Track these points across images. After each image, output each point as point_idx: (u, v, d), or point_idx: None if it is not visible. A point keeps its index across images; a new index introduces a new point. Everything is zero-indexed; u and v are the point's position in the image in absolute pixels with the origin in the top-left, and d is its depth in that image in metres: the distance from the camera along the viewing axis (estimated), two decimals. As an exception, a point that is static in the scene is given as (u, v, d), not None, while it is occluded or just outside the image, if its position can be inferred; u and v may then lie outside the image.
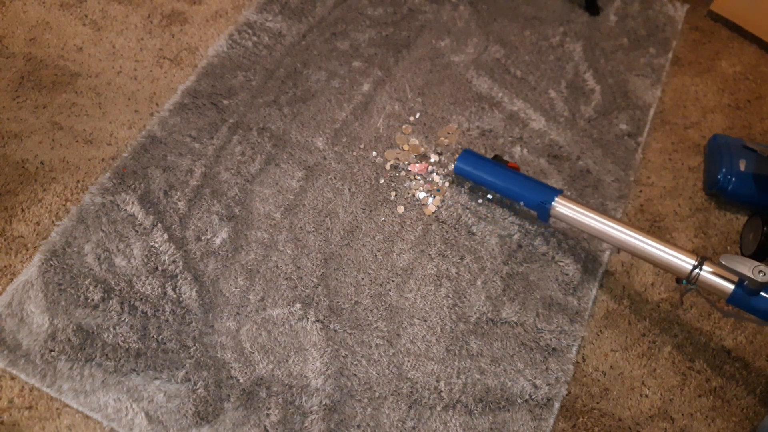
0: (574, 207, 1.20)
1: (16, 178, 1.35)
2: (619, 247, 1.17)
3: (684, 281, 1.09)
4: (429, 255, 1.29)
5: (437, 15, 1.70)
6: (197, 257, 1.25)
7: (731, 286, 1.05)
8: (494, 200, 1.36)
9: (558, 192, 1.22)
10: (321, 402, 1.11)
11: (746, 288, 1.03)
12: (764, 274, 0.99)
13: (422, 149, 1.44)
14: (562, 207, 1.20)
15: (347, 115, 1.49)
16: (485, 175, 1.31)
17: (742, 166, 1.37)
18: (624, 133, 1.50)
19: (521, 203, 1.28)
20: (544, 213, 1.23)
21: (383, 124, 1.48)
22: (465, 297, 1.24)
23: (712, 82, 1.63)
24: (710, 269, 1.07)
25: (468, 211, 1.35)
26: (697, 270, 1.07)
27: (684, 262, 1.08)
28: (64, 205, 1.31)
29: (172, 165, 1.37)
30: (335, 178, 1.38)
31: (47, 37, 1.58)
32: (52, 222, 1.29)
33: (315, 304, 1.21)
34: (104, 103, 1.48)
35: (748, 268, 1.00)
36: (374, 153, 1.43)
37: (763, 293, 1.03)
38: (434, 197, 1.36)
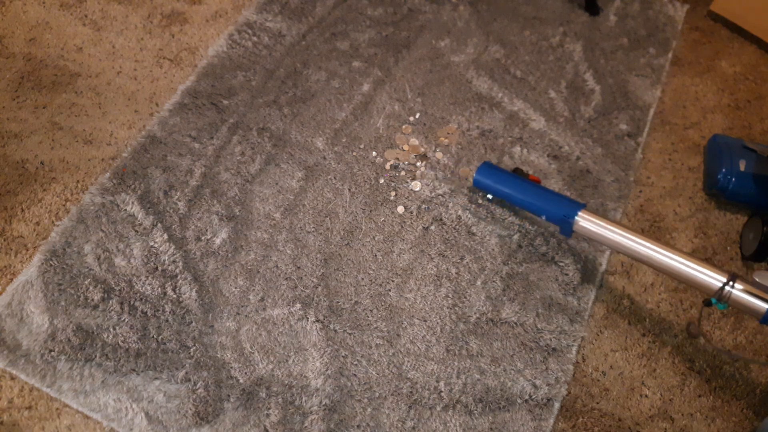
0: (598, 221, 1.15)
1: (16, 178, 1.35)
2: (644, 263, 1.13)
3: (713, 300, 1.03)
4: (429, 255, 1.29)
5: (437, 15, 1.70)
6: (197, 257, 1.25)
7: (765, 306, 0.99)
8: (494, 201, 1.36)
9: (581, 206, 1.18)
10: (321, 402, 1.11)
11: None
12: None
13: (422, 149, 1.44)
14: (586, 222, 1.16)
15: (347, 115, 1.49)
16: (505, 188, 1.27)
17: (742, 166, 1.37)
18: (624, 133, 1.50)
19: (543, 217, 1.24)
20: (566, 228, 1.19)
21: (383, 124, 1.48)
22: (465, 297, 1.24)
23: (712, 82, 1.63)
24: (742, 287, 1.01)
25: (468, 211, 1.35)
26: (728, 288, 1.01)
27: (713, 279, 1.02)
28: (63, 205, 1.31)
29: (172, 165, 1.37)
30: (335, 178, 1.38)
31: (47, 37, 1.58)
32: (52, 222, 1.29)
33: (315, 304, 1.21)
34: (104, 103, 1.48)
35: None
36: (374, 153, 1.43)
37: None
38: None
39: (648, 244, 1.10)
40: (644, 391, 1.18)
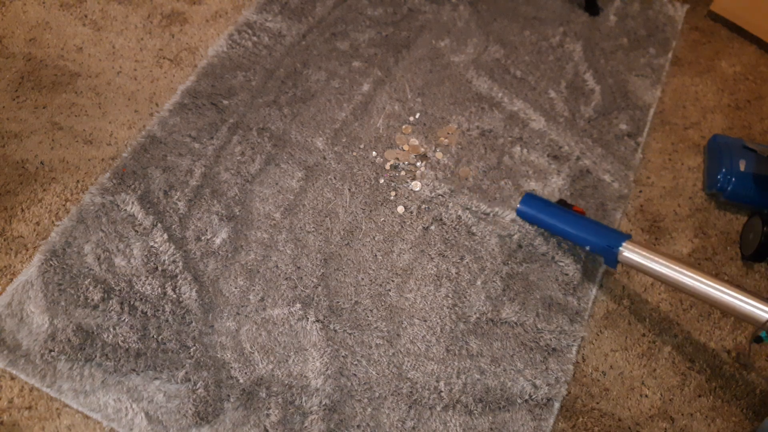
0: (644, 252, 1.15)
1: (16, 178, 1.35)
2: (690, 294, 1.11)
3: (763, 334, 1.01)
4: (429, 255, 1.29)
5: (437, 15, 1.70)
6: (197, 257, 1.25)
7: None
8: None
9: (626, 237, 1.18)
10: (321, 402, 1.11)
11: None
12: None
13: (422, 149, 1.44)
14: (630, 252, 1.16)
15: (347, 115, 1.49)
16: (549, 218, 1.28)
17: (742, 166, 1.37)
18: (624, 133, 1.50)
19: (587, 248, 1.24)
20: (611, 258, 1.19)
21: (383, 124, 1.48)
22: (465, 297, 1.24)
23: (712, 82, 1.63)
24: None
25: (468, 211, 1.35)
26: None
27: (761, 311, 1.01)
28: (63, 205, 1.31)
29: (172, 165, 1.37)
30: (335, 178, 1.38)
31: (47, 37, 1.58)
32: (52, 222, 1.29)
33: (315, 304, 1.21)
34: (104, 103, 1.48)
35: None
36: (374, 153, 1.43)
37: None
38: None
39: (693, 275, 1.09)
40: (644, 391, 1.18)
